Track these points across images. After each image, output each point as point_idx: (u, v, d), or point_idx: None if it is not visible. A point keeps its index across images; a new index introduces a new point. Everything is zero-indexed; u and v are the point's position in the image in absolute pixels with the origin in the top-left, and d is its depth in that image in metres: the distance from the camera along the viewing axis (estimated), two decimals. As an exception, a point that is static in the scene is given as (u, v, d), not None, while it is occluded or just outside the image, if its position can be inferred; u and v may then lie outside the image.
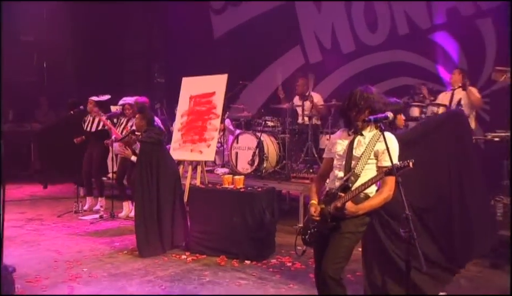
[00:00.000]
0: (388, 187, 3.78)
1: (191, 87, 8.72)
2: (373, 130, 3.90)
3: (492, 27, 9.82)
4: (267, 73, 12.27)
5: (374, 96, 3.88)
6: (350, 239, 3.84)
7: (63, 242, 7.19)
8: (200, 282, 5.70)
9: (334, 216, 3.79)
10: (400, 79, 10.60)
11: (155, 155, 6.91)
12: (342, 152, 3.94)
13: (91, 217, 8.63)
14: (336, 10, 11.71)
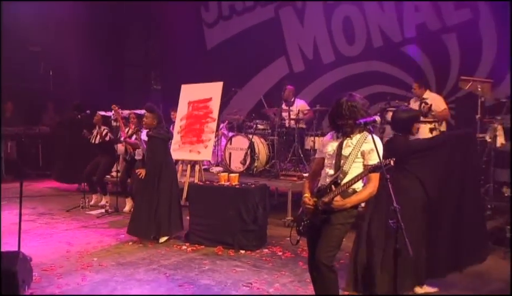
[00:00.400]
0: (373, 183, 3.81)
1: (189, 94, 8.69)
2: (360, 133, 3.91)
3: (456, 41, 10.00)
4: (255, 80, 12.37)
5: (358, 104, 3.87)
6: (340, 230, 3.86)
7: (73, 235, 7.17)
8: (201, 270, 5.71)
9: (325, 209, 3.81)
10: (375, 87, 10.71)
11: (162, 150, 6.91)
12: (332, 152, 3.95)
13: (97, 212, 8.56)
14: (318, 24, 11.79)
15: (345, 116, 3.84)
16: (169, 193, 6.94)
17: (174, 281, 5.35)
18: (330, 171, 3.91)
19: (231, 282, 5.31)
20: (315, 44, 11.97)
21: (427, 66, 10.29)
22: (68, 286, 5.15)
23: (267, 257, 6.22)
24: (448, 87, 9.56)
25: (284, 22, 12.36)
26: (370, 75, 10.92)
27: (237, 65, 12.39)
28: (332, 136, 4.07)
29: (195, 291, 5.06)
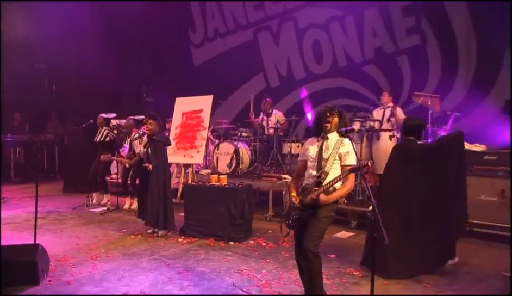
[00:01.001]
0: (350, 182, 3.90)
1: (183, 105, 8.60)
2: (336, 137, 3.97)
3: (408, 62, 10.04)
4: (237, 93, 12.26)
5: (343, 113, 4.03)
6: (324, 222, 3.92)
7: (80, 230, 7.09)
8: (197, 259, 5.71)
9: (311, 205, 3.87)
10: (340, 100, 10.50)
11: (164, 152, 6.89)
12: (314, 155, 3.99)
13: (100, 210, 8.48)
14: (291, 45, 11.77)
15: (328, 122, 3.92)
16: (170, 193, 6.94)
17: (174, 268, 5.33)
18: (313, 172, 3.96)
19: (224, 269, 5.32)
20: (288, 63, 11.96)
21: (383, 82, 10.27)
22: (81, 274, 5.11)
23: (253, 247, 6.24)
24: (401, 101, 9.51)
25: (262, 43, 12.40)
26: (336, 90, 10.89)
27: (220, 80, 12.24)
28: (312, 141, 4.12)
29: (193, 277, 5.04)
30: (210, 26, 13.29)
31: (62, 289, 4.70)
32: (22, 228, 7.12)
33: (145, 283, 4.87)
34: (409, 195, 5.02)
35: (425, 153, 5.12)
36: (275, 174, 8.57)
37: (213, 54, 13.24)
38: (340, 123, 3.96)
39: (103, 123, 8.84)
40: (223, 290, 4.71)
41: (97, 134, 8.92)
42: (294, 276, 4.93)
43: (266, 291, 4.66)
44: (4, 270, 4.61)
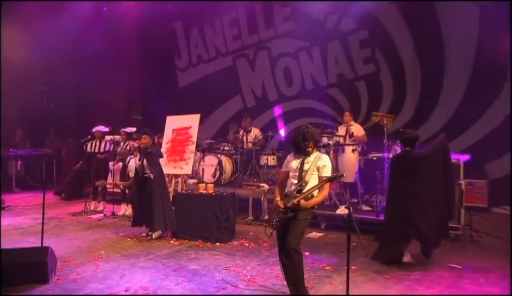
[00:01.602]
0: (325, 190, 4.04)
1: (173, 123, 8.52)
2: (315, 153, 4.08)
3: (365, 86, 10.18)
4: (217, 112, 12.10)
5: (314, 131, 4.12)
6: (303, 223, 4.02)
7: (81, 234, 6.93)
8: (188, 258, 5.70)
9: (292, 209, 3.94)
10: (308, 119, 10.50)
11: (158, 163, 6.81)
12: (296, 167, 4.07)
13: (97, 216, 8.27)
14: (265, 71, 11.72)
15: (305, 140, 4.01)
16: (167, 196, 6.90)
17: (169, 267, 5.31)
18: (295, 181, 4.05)
19: (213, 266, 5.32)
20: (263, 86, 11.88)
21: (345, 103, 10.33)
22: (86, 273, 5.05)
23: (237, 247, 6.24)
24: (360, 119, 9.53)
25: (239, 68, 12.26)
26: (305, 110, 10.89)
27: (203, 100, 12.06)
28: (293, 156, 4.20)
29: (187, 274, 5.04)
30: (193, 53, 13.10)
31: (70, 286, 4.64)
32: (27, 233, 6.95)
33: (144, 279, 4.85)
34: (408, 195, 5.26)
35: (421, 159, 5.36)
36: (254, 183, 8.53)
37: (197, 77, 13.05)
38: (316, 143, 4.10)
39: (101, 135, 8.70)
40: (214, 284, 4.73)
41: (93, 145, 8.74)
42: (275, 271, 5.01)
43: (252, 285, 4.71)
44: (17, 270, 4.57)
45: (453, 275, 5.05)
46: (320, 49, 10.79)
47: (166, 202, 6.70)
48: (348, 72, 10.45)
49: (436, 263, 5.43)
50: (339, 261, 5.44)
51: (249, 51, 12.04)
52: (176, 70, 13.47)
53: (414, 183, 5.21)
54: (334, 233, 6.93)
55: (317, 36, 10.70)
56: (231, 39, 12.29)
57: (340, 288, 4.56)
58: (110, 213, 8.35)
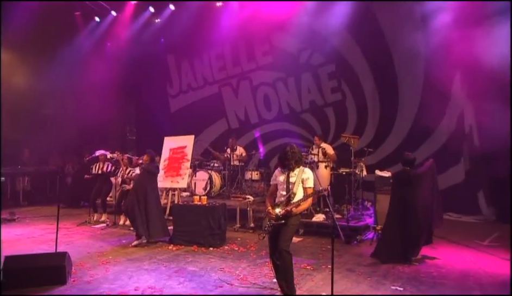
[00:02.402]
0: (309, 199, 4.19)
1: (170, 143, 8.50)
2: (299, 168, 4.21)
3: (333, 112, 10.45)
4: (205, 133, 12.03)
5: (297, 150, 4.24)
6: (293, 228, 4.16)
7: (88, 242, 6.87)
8: (186, 261, 5.71)
9: (283, 216, 4.08)
10: (284, 139, 10.69)
11: (154, 180, 6.85)
12: (283, 180, 4.21)
13: (100, 226, 8.18)
14: (247, 97, 11.82)
15: (290, 158, 4.17)
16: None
17: (170, 269, 5.34)
18: (283, 192, 4.20)
19: (209, 268, 5.37)
20: (245, 110, 11.94)
21: (316, 126, 10.54)
22: (97, 275, 5.07)
23: (228, 251, 6.27)
24: (329, 140, 9.63)
25: (224, 95, 12.33)
26: (281, 132, 11.02)
27: (192, 122, 11.94)
28: (280, 171, 4.33)
29: (187, 275, 5.08)
30: (184, 82, 13.06)
31: (85, 287, 4.67)
32: (39, 241, 6.88)
33: (151, 280, 4.90)
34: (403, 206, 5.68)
35: (417, 177, 5.77)
36: (240, 195, 8.56)
37: (186, 103, 13.07)
38: (298, 161, 4.22)
39: (104, 158, 8.64)
40: (211, 283, 4.81)
41: (97, 167, 8.65)
42: (264, 271, 5.19)
43: (244, 283, 4.82)
44: (38, 272, 4.59)
45: (412, 269, 5.31)
46: (294, 79, 11.04)
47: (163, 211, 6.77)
48: (318, 99, 10.73)
49: (398, 261, 5.63)
50: (317, 262, 5.61)
51: (233, 80, 12.15)
52: (169, 96, 13.45)
53: (411, 194, 5.64)
54: (311, 237, 7.06)
55: (292, 69, 10.97)
56: (217, 70, 12.41)
57: (320, 283, 4.77)
58: (112, 223, 8.28)
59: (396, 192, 5.90)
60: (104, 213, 8.65)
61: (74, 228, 8.02)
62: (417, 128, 9.20)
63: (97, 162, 8.74)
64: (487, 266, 5.50)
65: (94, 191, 8.58)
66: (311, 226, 7.29)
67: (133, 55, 12.39)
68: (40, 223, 8.38)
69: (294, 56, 10.92)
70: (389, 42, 9.63)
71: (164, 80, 13.44)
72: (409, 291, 4.55)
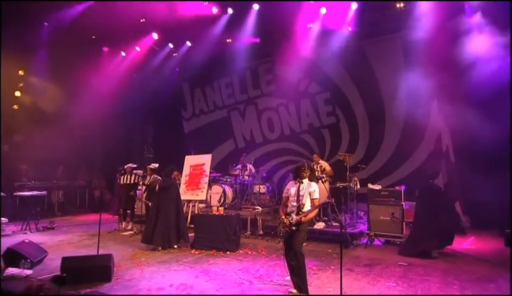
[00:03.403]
0: (316, 209, 4.54)
1: (191, 161, 8.72)
2: (307, 181, 4.52)
3: (328, 133, 10.75)
4: (215, 152, 11.78)
5: (312, 166, 4.77)
6: (304, 233, 4.50)
7: (120, 246, 7.05)
8: (208, 263, 5.96)
9: (296, 223, 4.41)
10: (286, 157, 11.23)
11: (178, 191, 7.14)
12: (294, 192, 4.54)
13: (128, 233, 8.37)
14: (253, 120, 12.08)
15: (306, 171, 4.56)
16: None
17: (196, 269, 5.60)
18: (294, 203, 4.53)
19: (229, 268, 5.64)
20: (251, 132, 12.12)
21: (314, 145, 10.87)
22: (135, 274, 5.34)
23: (243, 254, 6.50)
24: (325, 157, 9.94)
25: (233, 118, 12.54)
26: (283, 150, 11.30)
27: (203, 142, 12.32)
28: (292, 184, 4.65)
29: (211, 274, 5.34)
30: (196, 107, 13.38)
31: (127, 283, 4.97)
32: (78, 246, 7.12)
33: (181, 278, 5.18)
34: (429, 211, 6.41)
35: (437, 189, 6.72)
36: (250, 206, 8.71)
37: (198, 125, 13.29)
38: (311, 174, 4.61)
39: (131, 170, 8.86)
40: (233, 281, 5.08)
41: (125, 178, 8.81)
42: (276, 271, 5.48)
43: (261, 280, 5.11)
44: (89, 271, 4.89)
45: (402, 269, 5.64)
46: (295, 105, 11.36)
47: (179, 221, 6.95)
48: (315, 122, 11.06)
49: (390, 262, 5.99)
50: (320, 263, 5.90)
51: (240, 105, 12.46)
52: (183, 119, 13.74)
53: (432, 202, 6.35)
54: (313, 243, 7.28)
55: (292, 95, 11.30)
56: (227, 96, 12.74)
57: (326, 281, 5.08)
58: (138, 230, 8.42)
59: (421, 202, 6.59)
60: (130, 222, 8.81)
61: (105, 235, 8.08)
62: (401, 147, 9.52)
63: (125, 174, 8.91)
64: (464, 265, 5.87)
65: (122, 202, 8.75)
66: (313, 232, 7.49)
67: (153, 84, 12.73)
68: (75, 231, 8.63)
69: (294, 84, 11.26)
70: (376, 72, 10.03)
71: (179, 105, 13.75)
72: (402, 286, 4.90)
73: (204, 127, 13.22)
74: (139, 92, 12.95)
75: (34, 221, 8.39)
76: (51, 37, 10.39)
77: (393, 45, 9.65)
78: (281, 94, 11.54)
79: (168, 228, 6.85)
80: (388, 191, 7.46)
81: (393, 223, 7.16)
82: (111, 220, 9.36)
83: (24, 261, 5.15)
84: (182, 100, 13.72)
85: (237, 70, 11.98)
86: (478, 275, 5.36)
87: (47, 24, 10.49)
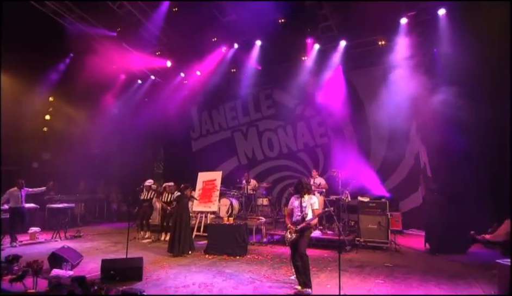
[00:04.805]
0: (317, 218, 4.97)
1: (203, 177, 9.08)
2: (307, 195, 4.98)
3: (322, 152, 11.19)
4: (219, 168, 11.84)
5: (308, 182, 5.20)
6: (308, 237, 4.95)
7: (142, 252, 7.20)
8: (222, 266, 6.32)
9: (301, 230, 4.86)
10: (284, 172, 11.64)
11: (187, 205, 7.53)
12: (298, 205, 4.99)
13: (146, 241, 8.62)
14: (254, 140, 12.43)
15: (304, 188, 5.03)
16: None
17: (212, 271, 5.98)
18: (298, 213, 4.97)
19: (241, 270, 6.02)
20: (253, 150, 12.42)
21: (309, 162, 11.30)
22: (161, 275, 5.73)
23: (251, 259, 6.84)
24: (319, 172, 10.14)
25: (236, 138, 12.87)
26: (282, 167, 11.70)
27: (209, 160, 12.34)
28: (295, 197, 5.09)
29: (226, 275, 5.71)
30: (204, 128, 13.74)
31: (156, 282, 5.37)
32: (104, 252, 7.44)
33: (201, 278, 5.59)
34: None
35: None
36: (255, 217, 8.98)
37: (205, 144, 13.66)
38: (309, 191, 5.06)
39: (148, 187, 9.23)
40: (246, 280, 5.48)
41: (143, 194, 9.18)
42: (281, 272, 5.89)
43: (269, 280, 5.53)
44: (125, 271, 5.32)
45: (388, 269, 6.12)
46: (292, 127, 11.85)
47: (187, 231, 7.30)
48: (310, 142, 11.55)
49: (378, 263, 6.45)
50: (318, 265, 6.31)
51: (243, 127, 12.88)
52: (191, 139, 14.13)
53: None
54: (311, 249, 7.47)
55: (289, 119, 11.81)
56: (230, 119, 13.19)
57: (324, 279, 5.52)
58: (155, 238, 8.78)
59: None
60: (148, 231, 9.11)
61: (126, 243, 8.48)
62: (386, 163, 10.03)
63: (143, 191, 9.27)
64: (441, 266, 6.39)
65: (141, 214, 9.06)
66: (311, 239, 7.62)
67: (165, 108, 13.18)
68: (100, 239, 8.95)
69: (291, 109, 11.80)
70: (362, 98, 10.68)
71: (188, 126, 14.15)
72: (388, 283, 5.39)
73: (210, 146, 13.58)
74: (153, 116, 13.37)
75: (63, 230, 8.72)
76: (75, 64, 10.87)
77: (376, 76, 10.29)
78: (280, 118, 12.06)
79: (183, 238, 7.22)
80: (375, 203, 7.84)
81: (380, 230, 7.54)
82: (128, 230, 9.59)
83: (66, 263, 5.58)
84: (191, 122, 14.13)
85: (240, 96, 12.50)
86: (451, 272, 5.91)
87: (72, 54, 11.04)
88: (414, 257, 7.11)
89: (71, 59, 10.99)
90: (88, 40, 10.38)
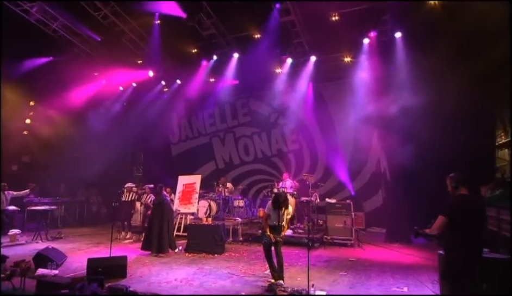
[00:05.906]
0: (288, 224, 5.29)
1: (183, 180, 9.15)
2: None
3: (293, 156, 11.42)
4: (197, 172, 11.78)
5: (286, 195, 5.44)
6: (282, 240, 5.24)
7: (125, 252, 6.87)
8: (202, 263, 6.45)
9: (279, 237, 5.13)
10: (259, 176, 11.88)
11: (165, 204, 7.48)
12: (276, 212, 5.13)
13: (128, 241, 8.59)
14: (231, 145, 12.58)
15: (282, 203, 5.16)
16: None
17: (193, 267, 6.10)
18: (275, 220, 5.16)
19: (220, 266, 6.18)
20: (230, 155, 12.58)
21: (282, 166, 11.54)
22: (144, 272, 5.82)
23: (228, 256, 6.99)
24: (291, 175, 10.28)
25: (214, 143, 13.01)
26: (257, 170, 11.96)
27: (187, 164, 12.48)
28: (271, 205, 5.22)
29: (206, 271, 5.86)
30: (183, 133, 13.75)
31: (140, 279, 5.47)
32: (87, 252, 7.37)
33: (182, 274, 5.73)
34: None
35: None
36: (231, 218, 9.11)
37: (184, 149, 13.67)
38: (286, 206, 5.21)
39: (130, 189, 9.17)
40: (224, 275, 5.68)
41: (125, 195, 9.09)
42: (257, 268, 6.13)
43: (247, 274, 5.76)
44: (110, 269, 5.38)
45: (351, 262, 6.57)
46: (266, 133, 12.14)
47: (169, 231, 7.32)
48: (283, 147, 11.88)
49: (342, 258, 6.87)
50: (289, 260, 6.56)
51: (221, 133, 13.00)
52: (171, 144, 14.07)
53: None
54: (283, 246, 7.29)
55: (264, 126, 12.10)
56: (209, 125, 13.28)
57: (295, 273, 5.78)
58: (137, 239, 8.68)
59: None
60: (129, 231, 9.05)
61: (109, 243, 8.23)
62: (351, 169, 10.54)
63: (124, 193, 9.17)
64: (397, 259, 6.94)
65: (122, 215, 9.00)
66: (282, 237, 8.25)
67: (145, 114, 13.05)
68: (81, 240, 8.80)
69: (266, 117, 12.11)
70: (330, 108, 11.22)
71: (167, 131, 14.06)
72: (351, 275, 5.80)
73: (189, 151, 13.61)
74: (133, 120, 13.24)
75: (44, 231, 8.52)
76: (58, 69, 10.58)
77: (342, 88, 10.73)
78: (255, 125, 12.34)
79: (162, 237, 7.25)
80: (341, 204, 8.30)
81: (345, 229, 7.99)
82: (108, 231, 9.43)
83: (51, 263, 5.57)
84: (171, 127, 14.06)
85: (218, 104, 12.68)
86: (405, 265, 6.46)
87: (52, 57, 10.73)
88: (374, 251, 7.57)
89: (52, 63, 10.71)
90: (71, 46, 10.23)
